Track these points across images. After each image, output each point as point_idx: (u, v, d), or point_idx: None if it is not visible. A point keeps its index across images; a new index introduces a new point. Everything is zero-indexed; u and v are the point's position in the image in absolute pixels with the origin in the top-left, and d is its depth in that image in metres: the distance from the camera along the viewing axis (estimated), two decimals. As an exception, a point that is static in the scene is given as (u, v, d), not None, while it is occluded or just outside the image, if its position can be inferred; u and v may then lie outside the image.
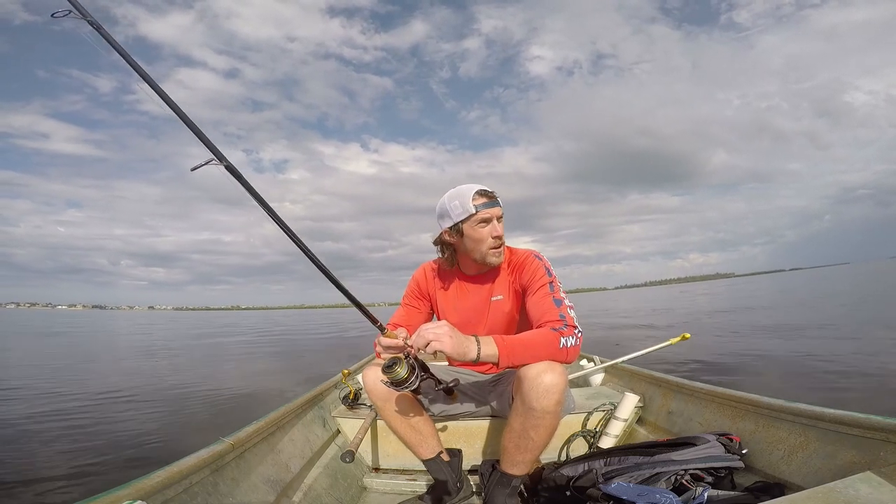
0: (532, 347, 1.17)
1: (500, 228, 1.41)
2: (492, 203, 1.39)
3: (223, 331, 20.61)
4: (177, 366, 7.93)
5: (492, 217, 1.39)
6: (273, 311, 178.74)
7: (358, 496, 1.59)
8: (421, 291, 1.62)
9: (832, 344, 6.37)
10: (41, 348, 11.20)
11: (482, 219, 1.39)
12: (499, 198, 1.42)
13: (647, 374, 2.02)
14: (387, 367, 1.18)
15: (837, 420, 1.07)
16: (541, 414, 1.16)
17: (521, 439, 1.23)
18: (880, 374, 4.36)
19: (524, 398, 1.17)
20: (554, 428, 1.21)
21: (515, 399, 1.23)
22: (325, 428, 1.83)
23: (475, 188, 1.41)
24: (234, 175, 1.13)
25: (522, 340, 1.18)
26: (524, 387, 1.16)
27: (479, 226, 1.39)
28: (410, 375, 1.18)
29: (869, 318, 9.49)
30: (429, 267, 1.64)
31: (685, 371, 4.96)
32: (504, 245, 1.44)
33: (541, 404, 1.14)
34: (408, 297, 1.63)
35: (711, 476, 1.18)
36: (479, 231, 1.40)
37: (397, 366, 1.17)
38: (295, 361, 8.66)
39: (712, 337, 7.95)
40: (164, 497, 0.93)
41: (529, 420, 1.18)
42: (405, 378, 1.17)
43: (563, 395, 1.17)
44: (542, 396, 1.14)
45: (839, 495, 0.81)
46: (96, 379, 6.32)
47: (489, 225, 1.39)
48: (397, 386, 1.19)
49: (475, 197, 1.39)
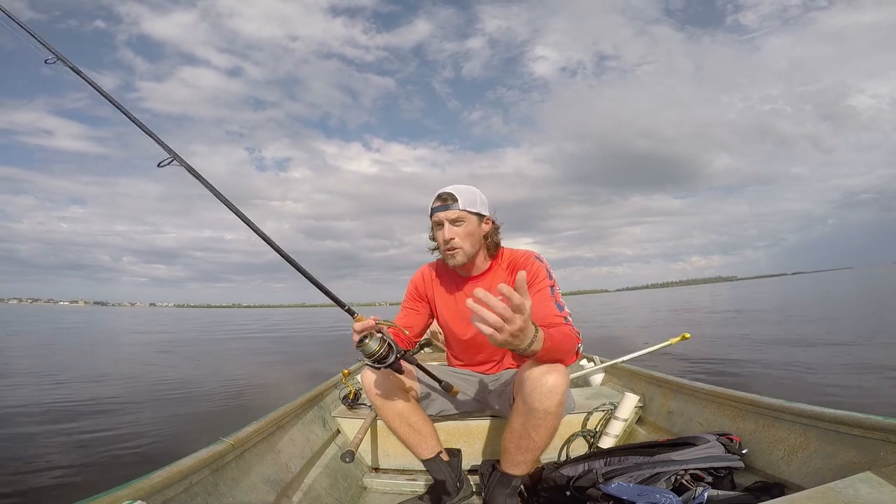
0: (563, 343, 1.14)
1: (453, 232, 1.40)
2: (442, 207, 1.41)
3: (224, 329, 20.60)
4: (185, 364, 7.93)
5: (441, 220, 1.41)
6: (274, 309, 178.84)
7: (358, 496, 1.59)
8: (419, 293, 1.64)
9: (830, 346, 6.37)
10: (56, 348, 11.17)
11: (435, 222, 1.44)
12: (461, 200, 1.40)
13: (647, 374, 2.02)
14: (358, 342, 1.18)
15: (837, 420, 1.07)
16: (542, 415, 1.16)
17: (522, 439, 1.23)
18: (878, 377, 4.36)
19: (526, 399, 1.17)
20: (555, 428, 1.22)
21: (517, 399, 1.23)
22: (325, 428, 1.83)
23: (441, 189, 1.44)
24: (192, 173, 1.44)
25: (559, 335, 1.12)
26: (526, 387, 1.16)
27: (435, 227, 1.45)
28: (382, 348, 1.18)
29: (870, 323, 9.48)
30: (427, 269, 1.66)
31: (685, 371, 4.96)
32: (460, 248, 1.41)
33: (543, 405, 1.14)
34: (407, 300, 1.65)
35: (711, 476, 1.18)
36: (436, 233, 1.46)
37: (368, 339, 1.17)
38: (295, 361, 8.66)
39: (712, 337, 7.95)
40: (164, 497, 0.93)
41: (531, 420, 1.18)
42: (376, 351, 1.17)
43: (565, 397, 1.17)
44: (544, 397, 1.14)
45: (839, 495, 0.81)
46: (115, 378, 6.32)
47: (441, 229, 1.42)
48: (375, 362, 1.20)
49: (434, 200, 1.44)
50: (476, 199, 1.44)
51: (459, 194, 1.42)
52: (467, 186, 1.46)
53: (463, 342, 1.62)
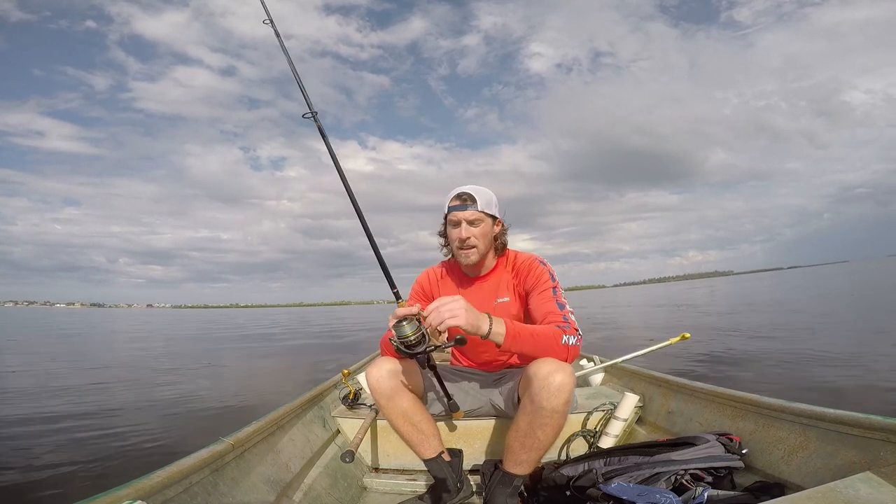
0: (537, 338, 1.21)
1: (470, 232, 1.45)
2: (461, 206, 1.45)
3: (225, 329, 20.60)
4: (186, 363, 7.93)
5: (459, 220, 1.45)
6: (272, 309, 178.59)
7: (358, 496, 1.59)
8: (425, 293, 1.66)
9: (827, 342, 6.38)
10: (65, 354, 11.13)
11: (451, 220, 1.49)
12: (479, 202, 1.44)
13: (647, 374, 2.02)
14: (397, 322, 1.15)
15: (837, 420, 1.07)
16: (550, 413, 1.18)
17: (528, 438, 1.24)
18: (872, 373, 4.37)
19: (533, 397, 1.19)
20: (560, 427, 1.24)
21: (523, 398, 1.25)
22: (325, 428, 1.83)
23: (460, 189, 1.48)
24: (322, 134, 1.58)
25: (529, 329, 1.22)
26: (534, 386, 1.18)
27: (451, 226, 1.50)
28: (416, 335, 1.15)
29: (864, 317, 9.51)
30: (433, 270, 1.70)
31: (684, 371, 4.97)
32: (475, 248, 1.47)
33: (551, 404, 1.16)
34: (412, 299, 1.66)
35: (711, 476, 1.18)
36: (451, 231, 1.50)
37: (406, 322, 1.15)
38: (295, 360, 8.66)
39: (712, 337, 7.95)
40: (164, 497, 0.93)
41: (537, 419, 1.20)
42: (409, 335, 1.14)
43: (572, 395, 1.20)
44: (552, 396, 1.16)
45: (839, 495, 0.81)
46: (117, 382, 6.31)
47: (458, 227, 1.46)
48: (405, 347, 1.16)
49: (452, 199, 1.48)
50: (492, 202, 1.49)
51: (478, 195, 1.45)
52: (483, 188, 1.50)
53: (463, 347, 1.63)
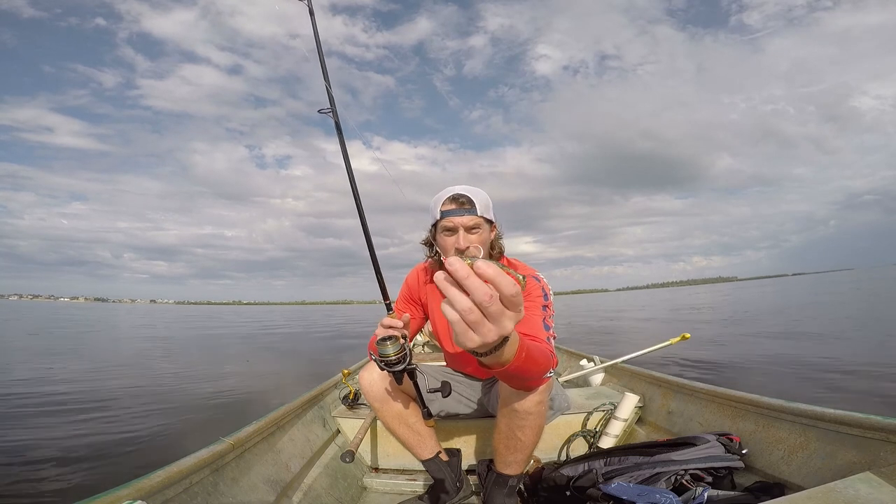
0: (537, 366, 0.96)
1: (469, 241, 1.24)
2: (458, 211, 1.24)
3: (225, 327, 20.57)
4: (185, 364, 7.93)
5: (456, 226, 1.25)
6: (274, 307, 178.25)
7: (358, 496, 1.59)
8: (412, 295, 1.54)
9: (828, 345, 6.37)
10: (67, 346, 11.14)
11: (445, 227, 1.27)
12: (478, 205, 1.25)
13: (647, 374, 2.02)
14: (381, 340, 1.13)
15: (837, 420, 1.07)
16: (524, 415, 1.15)
17: (510, 440, 1.23)
18: (875, 377, 4.36)
19: (506, 400, 1.17)
20: (540, 427, 1.20)
21: (500, 401, 1.22)
22: (325, 428, 1.83)
23: (451, 191, 1.28)
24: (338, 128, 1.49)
25: (533, 356, 0.87)
26: (505, 388, 1.15)
27: (444, 234, 1.28)
28: (397, 356, 1.13)
29: (869, 323, 9.48)
30: (421, 269, 1.54)
31: (684, 370, 4.96)
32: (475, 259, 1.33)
33: (523, 406, 1.14)
34: (400, 301, 1.55)
35: (711, 476, 1.18)
36: (444, 239, 1.29)
37: (389, 342, 1.12)
38: (295, 360, 8.66)
39: (712, 337, 7.94)
40: (164, 497, 0.93)
41: (514, 421, 1.18)
42: (390, 356, 1.12)
43: (545, 395, 1.15)
44: (521, 397, 1.13)
45: (839, 495, 0.81)
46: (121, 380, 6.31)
47: (454, 235, 1.26)
48: (385, 364, 1.14)
49: (445, 202, 1.27)
50: (489, 205, 1.31)
51: (476, 198, 1.26)
52: (478, 189, 1.32)
53: (451, 356, 1.58)
